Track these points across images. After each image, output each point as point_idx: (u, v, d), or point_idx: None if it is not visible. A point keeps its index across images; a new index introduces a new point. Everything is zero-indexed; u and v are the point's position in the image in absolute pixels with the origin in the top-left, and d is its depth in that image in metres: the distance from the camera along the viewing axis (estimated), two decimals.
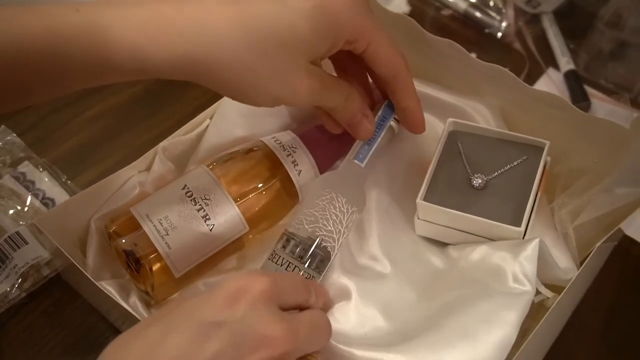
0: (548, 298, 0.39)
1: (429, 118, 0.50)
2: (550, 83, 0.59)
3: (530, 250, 0.36)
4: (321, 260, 0.41)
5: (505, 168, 0.41)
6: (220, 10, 0.32)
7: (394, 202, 0.45)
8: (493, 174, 0.41)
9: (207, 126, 0.46)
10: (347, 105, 0.38)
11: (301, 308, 0.33)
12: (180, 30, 0.31)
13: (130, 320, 0.38)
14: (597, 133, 0.41)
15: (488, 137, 0.43)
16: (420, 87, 0.49)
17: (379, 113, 0.45)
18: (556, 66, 0.61)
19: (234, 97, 0.35)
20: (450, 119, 0.44)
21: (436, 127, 0.47)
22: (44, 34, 0.30)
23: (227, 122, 0.46)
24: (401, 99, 0.40)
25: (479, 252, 0.39)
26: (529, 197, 0.39)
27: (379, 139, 0.44)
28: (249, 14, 0.32)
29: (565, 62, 0.59)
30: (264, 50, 0.32)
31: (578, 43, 0.61)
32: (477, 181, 0.41)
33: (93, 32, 0.31)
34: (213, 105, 0.47)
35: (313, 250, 0.40)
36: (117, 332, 0.43)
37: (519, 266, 0.36)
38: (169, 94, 0.58)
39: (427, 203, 0.40)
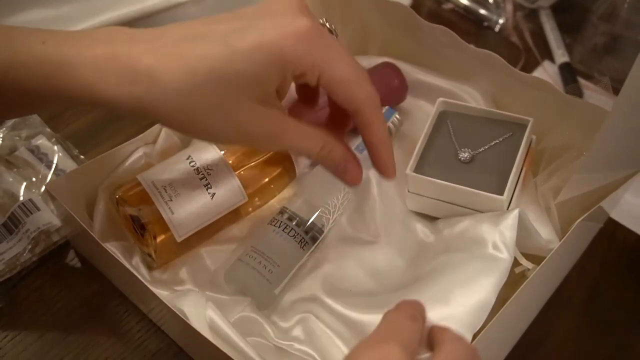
0: (529, 269, 0.41)
1: (423, 103, 0.52)
2: (545, 75, 0.61)
3: (511, 219, 0.38)
4: (316, 231, 0.43)
5: (491, 144, 0.43)
6: (166, 54, 0.31)
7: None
8: (479, 149, 0.43)
9: None
10: (324, 154, 0.36)
11: None
12: (130, 75, 0.31)
13: (134, 284, 0.40)
14: (579, 114, 0.43)
15: (476, 115, 0.45)
16: (414, 72, 0.51)
17: None
18: (552, 59, 0.62)
19: (194, 137, 0.34)
20: (440, 99, 0.46)
21: (429, 112, 0.49)
22: (10, 60, 0.32)
23: None
24: (365, 136, 0.36)
25: (463, 224, 0.41)
26: (512, 169, 0.41)
27: None
28: (194, 57, 0.31)
29: (561, 55, 0.61)
30: (210, 92, 0.32)
31: (574, 37, 0.63)
32: (464, 155, 0.43)
33: (54, 66, 0.32)
34: None
35: (310, 222, 0.42)
36: (121, 296, 0.45)
37: (499, 235, 0.38)
38: None
39: (416, 174, 0.42)
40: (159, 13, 0.65)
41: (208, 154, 0.44)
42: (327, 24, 0.38)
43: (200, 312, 0.38)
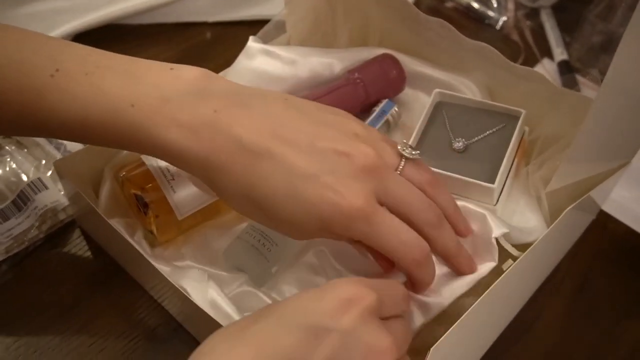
0: (516, 257, 0.42)
1: (421, 95, 0.53)
2: (544, 72, 0.62)
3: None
4: None
5: (485, 134, 0.45)
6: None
7: None
8: (473, 139, 0.45)
9: None
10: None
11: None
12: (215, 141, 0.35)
13: (137, 261, 0.42)
14: (570, 105, 0.44)
15: (470, 106, 0.46)
16: (413, 64, 0.53)
17: (380, 106, 0.50)
18: (551, 57, 0.64)
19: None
20: (436, 90, 0.47)
21: (427, 104, 0.51)
22: (102, 117, 0.34)
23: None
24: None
25: None
26: (504, 159, 0.42)
27: (377, 128, 0.51)
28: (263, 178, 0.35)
29: (559, 53, 0.63)
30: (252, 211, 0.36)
31: (573, 36, 0.64)
32: (458, 144, 0.44)
33: (138, 135, 0.34)
34: (221, 73, 0.51)
35: None
36: (124, 273, 0.47)
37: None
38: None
39: None
40: (166, 5, 0.67)
41: None
42: (405, 150, 0.38)
43: (201, 288, 0.40)
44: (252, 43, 0.51)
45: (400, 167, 0.37)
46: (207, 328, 0.38)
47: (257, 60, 0.50)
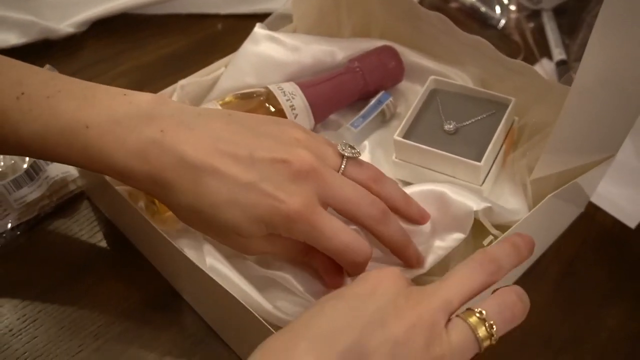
0: (496, 237, 0.43)
1: (418, 88, 0.55)
2: (542, 71, 0.64)
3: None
4: None
5: (476, 118, 0.47)
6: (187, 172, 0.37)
7: (378, 150, 0.51)
8: (464, 123, 0.47)
9: (222, 73, 0.53)
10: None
11: None
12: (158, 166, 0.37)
13: (139, 226, 0.44)
14: (557, 97, 0.45)
15: (464, 94, 0.48)
16: (412, 56, 0.55)
17: (377, 97, 0.53)
18: (550, 58, 0.66)
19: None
20: (431, 77, 0.49)
21: None
22: (59, 137, 0.37)
23: (240, 70, 0.52)
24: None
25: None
26: (491, 141, 0.44)
27: (372, 116, 0.53)
28: (206, 189, 0.37)
29: (558, 53, 0.64)
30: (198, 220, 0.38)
31: (572, 38, 0.66)
32: (449, 126, 0.46)
33: (91, 155, 0.37)
34: (229, 56, 0.54)
35: None
36: (127, 242, 0.49)
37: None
38: (193, 58, 0.65)
39: (401, 139, 0.46)
40: None
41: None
42: (345, 150, 0.41)
43: (198, 247, 0.41)
44: (258, 29, 0.53)
45: (342, 167, 0.39)
46: (205, 289, 0.41)
47: (262, 45, 0.52)
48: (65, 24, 0.65)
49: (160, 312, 0.46)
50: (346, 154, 0.40)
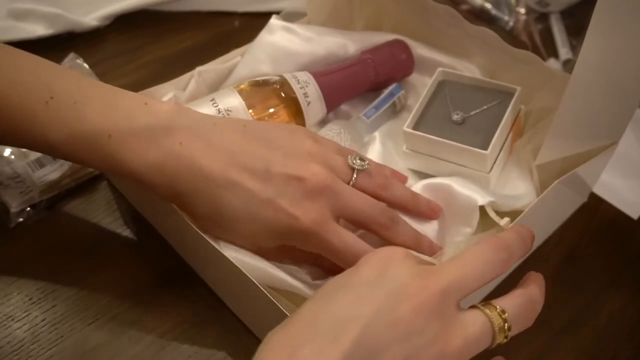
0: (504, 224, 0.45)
1: (427, 80, 0.57)
2: None
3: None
4: None
5: (483, 108, 0.48)
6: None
7: (388, 141, 0.53)
8: (471, 112, 0.48)
9: (239, 61, 0.55)
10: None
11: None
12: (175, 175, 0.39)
13: (156, 205, 0.46)
14: (560, 84, 0.47)
15: (471, 84, 0.50)
16: (421, 49, 0.57)
17: (389, 89, 0.55)
18: (557, 58, 0.67)
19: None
20: (439, 69, 0.51)
21: None
22: (84, 143, 0.39)
23: (255, 59, 0.54)
24: None
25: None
26: (498, 129, 0.46)
27: (384, 108, 0.55)
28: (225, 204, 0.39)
29: (565, 53, 0.66)
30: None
31: (579, 39, 0.67)
32: (457, 116, 0.48)
33: (111, 163, 0.39)
34: (245, 46, 0.56)
35: None
36: (142, 220, 0.51)
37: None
38: (211, 52, 0.67)
39: (411, 130, 0.47)
40: None
41: (229, 98, 0.50)
42: (355, 163, 0.42)
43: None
44: (274, 20, 0.55)
45: (353, 179, 0.41)
46: (218, 268, 0.42)
47: (277, 35, 0.54)
48: (90, 18, 0.68)
49: (174, 286, 0.47)
50: (357, 167, 0.42)
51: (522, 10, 0.71)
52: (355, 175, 0.41)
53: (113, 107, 0.39)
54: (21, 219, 0.51)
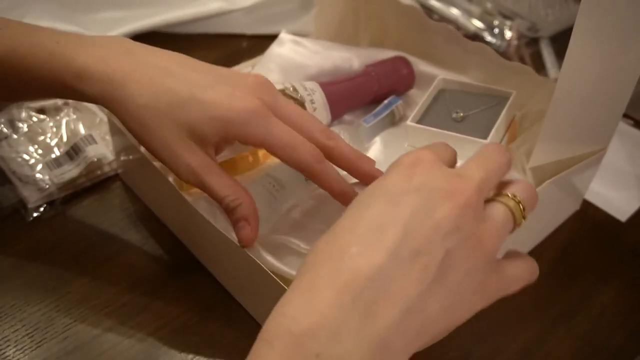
0: None
1: (426, 94, 0.61)
2: None
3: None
4: None
5: (481, 109, 0.52)
6: (144, 75, 0.40)
7: (388, 145, 0.56)
8: (470, 112, 0.52)
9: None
10: (230, 205, 0.40)
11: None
12: (110, 82, 0.40)
13: (167, 197, 0.48)
14: (552, 89, 0.51)
15: (469, 90, 0.54)
16: (421, 65, 0.61)
17: (388, 99, 0.58)
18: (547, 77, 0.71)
19: (140, 143, 0.43)
20: (440, 77, 0.55)
21: None
22: (27, 52, 0.42)
23: (265, 69, 0.58)
24: (324, 189, 0.42)
25: None
26: (496, 123, 0.49)
27: (383, 115, 0.57)
28: (163, 87, 0.40)
29: (554, 73, 0.70)
30: (160, 116, 0.40)
31: None
32: (457, 115, 0.52)
33: (60, 61, 0.41)
34: (256, 57, 0.60)
35: None
36: (154, 216, 0.53)
37: None
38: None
39: (414, 124, 0.51)
40: (210, 17, 0.76)
41: None
42: (291, 90, 0.48)
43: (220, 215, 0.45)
44: (284, 34, 0.59)
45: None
46: (227, 257, 0.44)
47: (287, 47, 0.58)
48: None
49: (182, 278, 0.49)
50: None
51: (514, 35, 0.76)
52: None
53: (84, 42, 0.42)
54: (38, 214, 0.53)
